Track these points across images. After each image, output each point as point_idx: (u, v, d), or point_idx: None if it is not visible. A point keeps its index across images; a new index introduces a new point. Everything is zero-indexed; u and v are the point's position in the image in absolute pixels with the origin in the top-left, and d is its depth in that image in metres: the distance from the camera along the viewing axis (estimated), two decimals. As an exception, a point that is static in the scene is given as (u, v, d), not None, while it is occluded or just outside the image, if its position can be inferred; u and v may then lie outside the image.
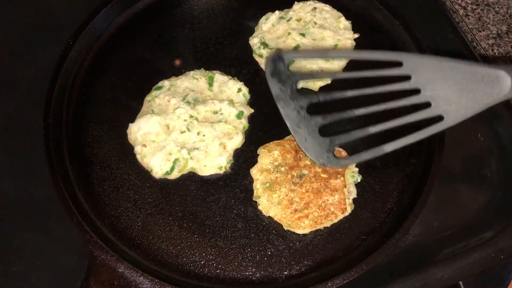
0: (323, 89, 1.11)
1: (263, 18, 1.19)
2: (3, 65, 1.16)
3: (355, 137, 0.85)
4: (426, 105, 0.84)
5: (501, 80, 0.84)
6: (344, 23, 1.18)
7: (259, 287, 0.92)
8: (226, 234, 0.96)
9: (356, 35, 1.17)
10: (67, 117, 1.07)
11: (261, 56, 1.13)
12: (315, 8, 1.19)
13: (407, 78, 0.85)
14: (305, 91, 1.01)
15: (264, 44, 1.14)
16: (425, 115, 0.84)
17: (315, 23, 1.17)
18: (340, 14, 1.20)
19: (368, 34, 1.19)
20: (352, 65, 1.14)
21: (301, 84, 1.09)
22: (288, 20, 1.18)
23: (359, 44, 1.17)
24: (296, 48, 1.13)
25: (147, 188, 1.00)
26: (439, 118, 0.84)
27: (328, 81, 1.11)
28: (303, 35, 1.15)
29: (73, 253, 0.94)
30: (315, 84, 1.10)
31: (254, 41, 1.16)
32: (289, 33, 1.15)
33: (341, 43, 1.14)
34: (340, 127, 0.86)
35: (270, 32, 1.17)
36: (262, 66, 1.13)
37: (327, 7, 1.20)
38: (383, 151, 0.84)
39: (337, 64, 1.12)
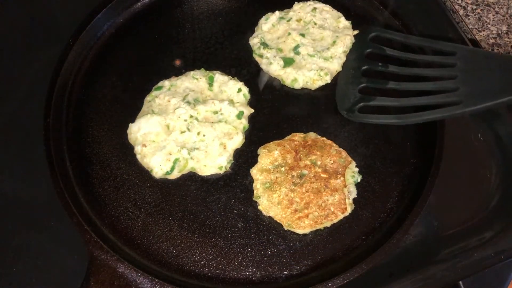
0: (322, 88, 1.11)
1: (263, 18, 1.19)
2: (3, 65, 1.16)
3: (382, 103, 1.04)
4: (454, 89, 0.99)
5: None
6: (344, 23, 1.18)
7: (259, 287, 0.92)
8: (226, 234, 0.96)
9: (356, 31, 1.17)
10: (67, 117, 1.07)
11: (261, 56, 1.13)
12: (315, 9, 1.19)
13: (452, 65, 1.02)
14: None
15: (264, 44, 1.14)
16: (448, 99, 0.98)
17: (315, 24, 1.17)
18: (340, 14, 1.20)
19: (368, 34, 1.19)
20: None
21: (301, 84, 1.10)
22: (288, 21, 1.18)
23: (359, 44, 1.17)
24: (296, 49, 1.13)
25: (147, 188, 1.00)
26: (458, 102, 0.97)
27: (328, 80, 1.11)
28: (303, 35, 1.15)
29: (73, 253, 0.94)
30: (314, 83, 1.10)
31: (254, 41, 1.16)
32: (289, 34, 1.15)
33: (339, 39, 1.14)
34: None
35: (270, 32, 1.17)
36: (262, 66, 1.13)
37: (327, 8, 1.20)
38: (400, 120, 1.01)
39: (336, 63, 1.12)
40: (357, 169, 1.02)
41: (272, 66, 1.12)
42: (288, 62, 1.11)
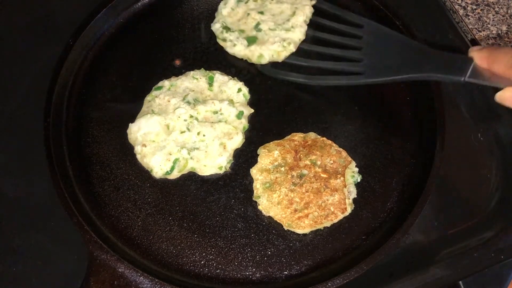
0: (322, 88, 1.11)
1: (222, 3, 1.18)
2: (3, 65, 1.16)
3: (292, 62, 1.11)
4: (359, 60, 1.06)
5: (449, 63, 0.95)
6: None
7: (259, 287, 0.92)
8: (226, 234, 0.96)
9: (314, 1, 1.17)
10: (67, 117, 1.07)
11: (224, 40, 1.14)
12: None
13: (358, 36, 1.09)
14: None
15: (226, 28, 1.14)
16: (352, 68, 1.05)
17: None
18: None
19: (368, 34, 1.19)
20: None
21: (267, 59, 1.12)
22: (246, 2, 1.18)
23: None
24: (257, 26, 1.13)
25: (147, 188, 1.00)
26: (362, 73, 1.03)
27: (293, 49, 1.11)
28: (262, 13, 1.15)
29: (73, 253, 0.94)
30: (280, 55, 1.11)
31: (216, 27, 1.15)
32: (248, 14, 1.15)
33: (299, 10, 1.14)
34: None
35: (231, 16, 1.17)
36: (227, 49, 1.13)
37: None
38: (307, 80, 1.09)
39: (298, 32, 1.12)
40: (357, 169, 1.02)
41: (237, 47, 1.12)
42: (251, 40, 1.12)
